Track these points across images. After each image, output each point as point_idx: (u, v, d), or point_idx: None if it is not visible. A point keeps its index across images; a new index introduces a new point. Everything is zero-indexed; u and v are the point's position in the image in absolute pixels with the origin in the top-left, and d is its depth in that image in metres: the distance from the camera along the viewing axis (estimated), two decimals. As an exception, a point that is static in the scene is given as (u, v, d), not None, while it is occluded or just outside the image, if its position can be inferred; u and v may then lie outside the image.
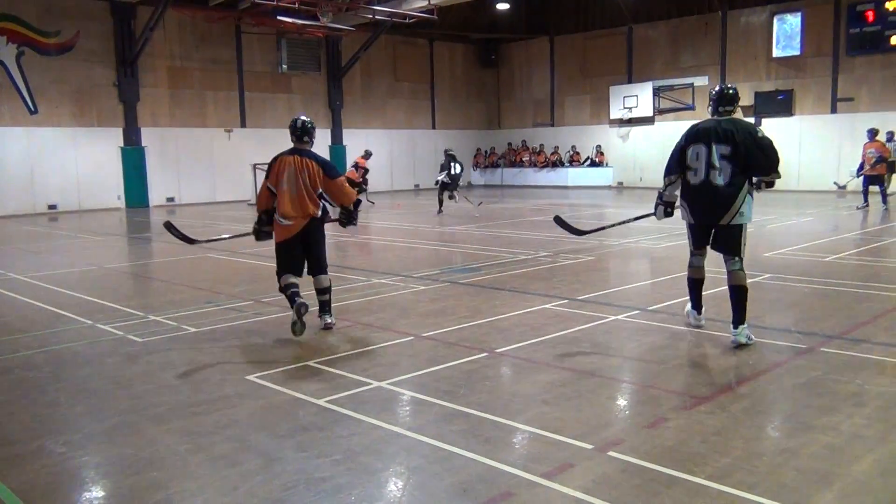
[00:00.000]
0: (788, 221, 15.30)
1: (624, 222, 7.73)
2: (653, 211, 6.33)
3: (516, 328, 6.47)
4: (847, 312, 6.97)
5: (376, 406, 4.57)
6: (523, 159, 31.93)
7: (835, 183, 20.40)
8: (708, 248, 6.05)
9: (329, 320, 6.54)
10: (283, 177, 6.34)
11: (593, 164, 29.93)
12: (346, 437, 4.07)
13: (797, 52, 24.49)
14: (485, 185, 31.78)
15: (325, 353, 5.77)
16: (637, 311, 7.08)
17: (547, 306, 7.34)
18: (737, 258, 5.81)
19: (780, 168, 5.78)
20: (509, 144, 32.81)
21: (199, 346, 6.11)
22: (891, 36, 22.39)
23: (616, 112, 28.59)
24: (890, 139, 19.78)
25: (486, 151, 33.31)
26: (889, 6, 22.30)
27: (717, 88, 6.06)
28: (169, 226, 7.33)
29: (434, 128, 31.33)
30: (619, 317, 6.87)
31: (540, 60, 31.69)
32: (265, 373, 5.30)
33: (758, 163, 5.66)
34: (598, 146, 29.78)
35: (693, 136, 5.91)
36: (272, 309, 7.41)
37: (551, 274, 9.27)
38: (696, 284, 6.28)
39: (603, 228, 8.14)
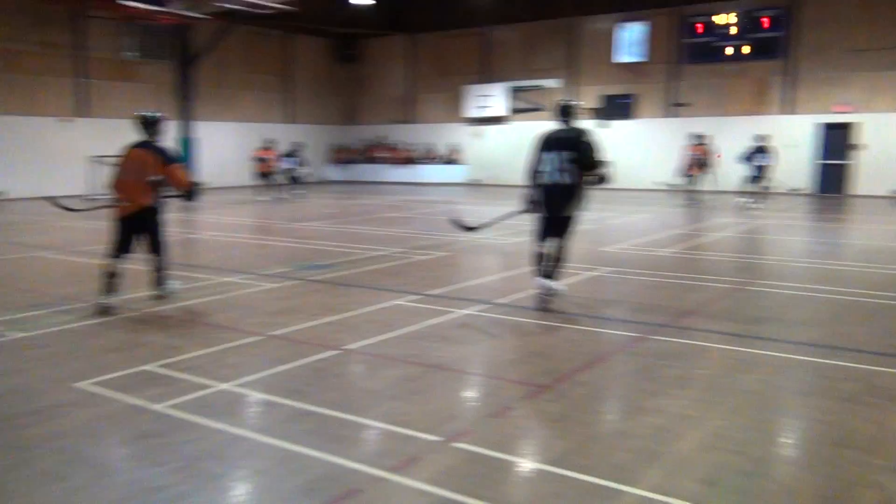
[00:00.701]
0: (626, 218, 16.21)
1: (506, 216, 8.31)
2: (522, 208, 7.31)
3: (367, 324, 6.46)
4: (675, 302, 7.48)
5: (220, 409, 4.42)
6: (379, 156, 31.95)
7: (664, 182, 21.84)
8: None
9: (163, 292, 7.32)
10: (124, 166, 7.03)
11: (449, 161, 30.43)
12: (186, 443, 3.91)
13: (640, 59, 25.99)
14: (341, 181, 31.52)
15: (166, 356, 5.51)
16: (487, 305, 7.26)
17: (399, 302, 7.38)
18: (559, 239, 7.06)
19: (618, 168, 6.61)
20: (366, 141, 32.73)
21: (24, 353, 5.67)
22: (722, 47, 24.24)
23: (471, 111, 29.20)
24: (706, 142, 21.52)
25: (343, 147, 33.07)
26: (717, 20, 24.12)
27: (558, 102, 7.29)
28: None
29: (293, 122, 30.71)
30: (469, 311, 7.02)
31: (398, 57, 31.82)
32: (99, 379, 4.99)
33: (589, 162, 6.87)
34: (453, 144, 30.32)
35: (544, 144, 7.06)
36: (110, 310, 7.01)
37: (404, 270, 9.34)
38: (541, 256, 7.22)
39: (491, 224, 8.65)
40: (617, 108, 26.13)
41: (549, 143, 7.01)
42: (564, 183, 6.86)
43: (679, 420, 4.25)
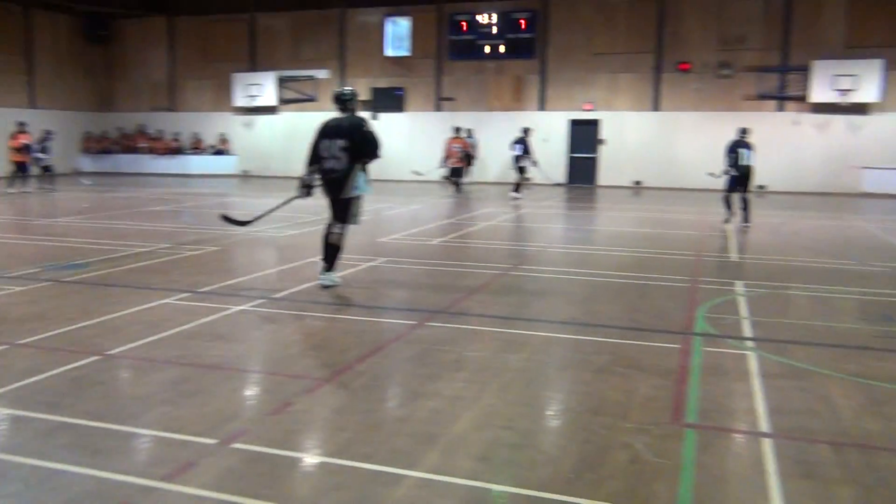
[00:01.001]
0: (400, 209, 16.61)
1: (279, 206, 8.48)
2: (297, 194, 7.72)
3: (132, 326, 6.03)
4: (449, 290, 7.80)
5: (-43, 430, 3.91)
6: (140, 145, 29.85)
7: (416, 172, 22.42)
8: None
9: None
10: None
11: (218, 152, 29.20)
12: (-86, 472, 3.41)
13: (407, 54, 26.62)
14: (96, 172, 29.02)
15: None
16: (262, 300, 7.09)
17: (167, 301, 6.97)
18: (340, 224, 7.50)
19: (394, 160, 7.04)
20: (124, 129, 30.40)
21: None
22: (483, 46, 25.52)
23: (240, 100, 28.21)
24: (470, 136, 22.67)
25: (97, 135, 30.43)
26: (480, 19, 25.37)
27: (336, 91, 7.72)
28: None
29: (35, 107, 27.66)
30: (244, 307, 6.81)
31: (157, 40, 29.83)
32: None
33: (365, 150, 7.39)
34: (222, 134, 29.13)
35: (322, 132, 7.48)
36: None
37: (172, 266, 8.83)
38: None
39: (264, 215, 8.70)
40: (387, 100, 26.58)
41: (327, 131, 7.45)
42: (336, 168, 7.36)
43: (454, 402, 4.44)
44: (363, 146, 7.32)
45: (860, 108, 22.70)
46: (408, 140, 25.98)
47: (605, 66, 24.84)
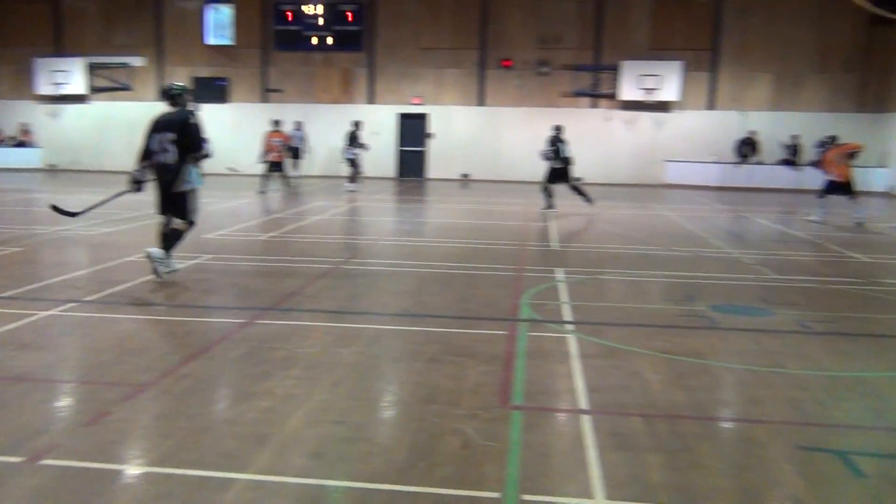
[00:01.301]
0: (225, 204, 16.01)
1: (107, 200, 8.29)
2: (127, 189, 7.67)
3: (-81, 338, 5.40)
4: (278, 285, 7.64)
5: None
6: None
7: (230, 167, 21.83)
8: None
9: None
10: None
11: (19, 143, 26.73)
12: None
13: (230, 42, 25.66)
14: None
15: None
16: (73, 304, 6.59)
17: (-39, 308, 6.31)
18: (178, 220, 7.57)
19: (220, 153, 7.04)
20: None
21: None
22: (310, 37, 25.11)
23: (44, 87, 25.96)
24: (298, 129, 22.26)
25: None
26: (305, 9, 24.94)
27: (164, 86, 8.01)
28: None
29: None
30: (53, 311, 6.30)
31: (-60, 20, 26.80)
32: None
33: (191, 143, 7.44)
34: (24, 124, 26.69)
35: (153, 126, 7.52)
36: None
37: (-33, 270, 7.99)
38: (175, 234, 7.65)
39: (92, 208, 8.34)
40: (210, 91, 25.51)
41: (158, 125, 7.52)
42: (167, 162, 7.43)
43: (286, 400, 4.36)
44: (190, 139, 7.42)
45: (663, 106, 24.66)
46: (232, 133, 25.07)
47: (432, 61, 25.29)
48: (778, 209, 18.16)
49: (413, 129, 25.58)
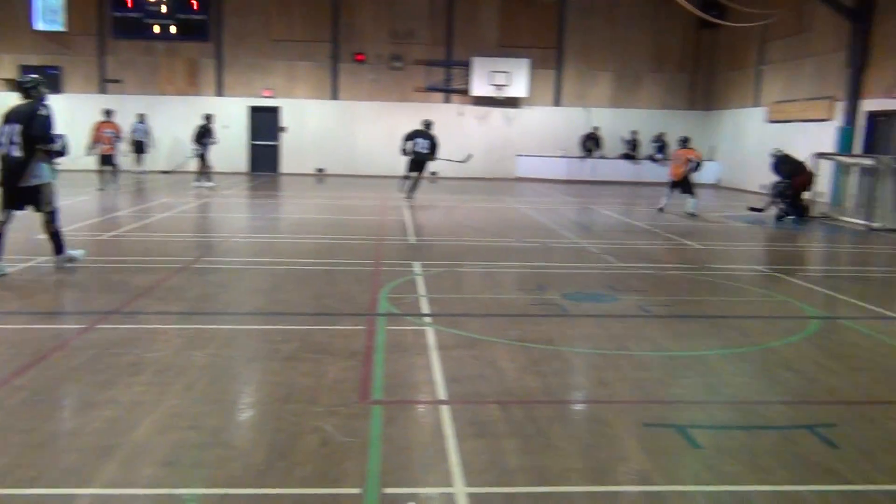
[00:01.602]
0: (64, 201, 14.91)
1: None
2: None
3: None
4: (123, 287, 7.21)
5: None
6: None
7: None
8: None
9: None
10: None
11: None
12: None
13: (62, 28, 23.88)
14: None
15: None
16: None
17: None
18: (43, 212, 7.56)
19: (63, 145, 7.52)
20: None
21: None
22: (151, 24, 23.84)
23: None
24: (142, 121, 20.97)
25: None
26: (146, -4, 23.67)
27: (17, 79, 7.72)
28: None
29: None
30: None
31: None
32: None
33: (37, 135, 7.29)
34: None
35: (5, 118, 7.35)
36: None
37: None
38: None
39: None
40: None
41: (9, 117, 7.37)
42: (15, 155, 7.29)
43: (133, 408, 4.14)
44: (37, 131, 7.27)
45: (513, 102, 25.43)
46: (67, 125, 23.32)
47: (284, 54, 24.73)
48: (620, 201, 19.21)
49: (265, 123, 24.91)
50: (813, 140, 19.29)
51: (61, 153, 7.57)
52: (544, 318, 6.50)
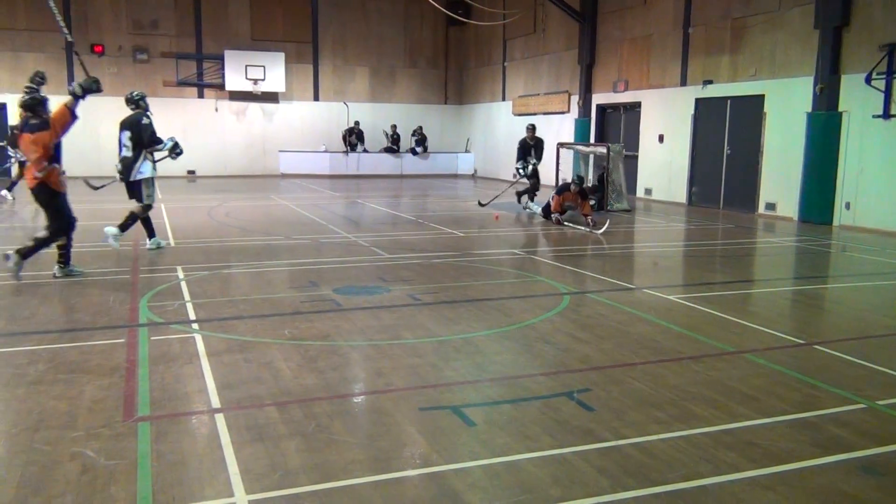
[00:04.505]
0: None
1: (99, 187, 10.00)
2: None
3: None
4: None
5: None
6: None
7: None
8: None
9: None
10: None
11: None
12: None
13: None
14: None
15: None
16: None
17: None
18: (138, 203, 9.35)
19: None
20: None
21: None
22: None
23: None
24: None
25: None
26: None
27: (126, 96, 9.60)
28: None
29: None
30: None
31: None
32: None
33: (144, 140, 9.12)
34: None
35: (119, 127, 9.32)
36: None
37: None
38: (134, 217, 9.37)
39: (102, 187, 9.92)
40: None
41: (121, 125, 9.34)
42: (126, 155, 9.18)
43: None
44: (142, 136, 9.11)
45: (271, 97, 24.90)
46: None
47: (7, 44, 22.12)
48: (385, 194, 19.59)
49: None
50: (555, 130, 21.04)
51: (179, 152, 9.40)
52: (317, 315, 6.47)
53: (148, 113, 9.35)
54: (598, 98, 20.26)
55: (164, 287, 7.42)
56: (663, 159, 17.92)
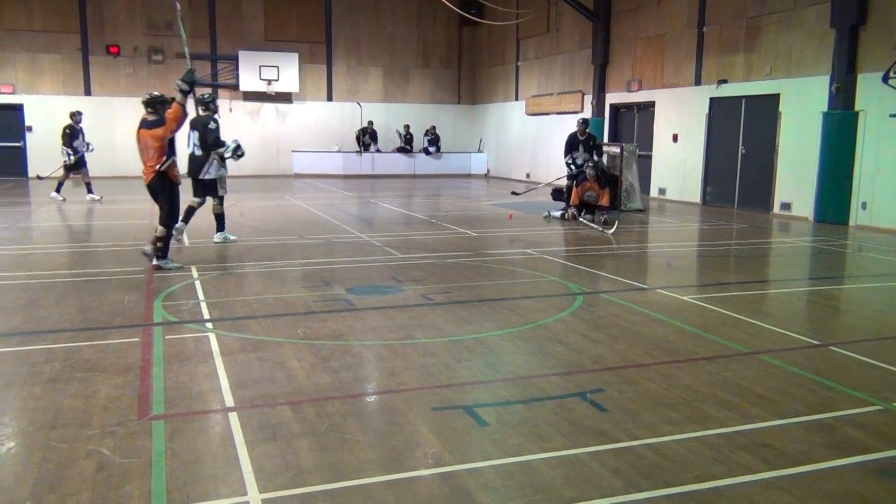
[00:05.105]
0: None
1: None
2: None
3: None
4: None
5: None
6: None
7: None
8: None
9: (157, 262, 8.29)
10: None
11: None
12: None
13: None
14: None
15: None
16: None
17: None
18: (216, 199, 10.06)
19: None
20: None
21: None
22: None
23: None
24: None
25: None
26: None
27: (196, 97, 9.88)
28: None
29: None
30: None
31: None
32: None
33: (209, 142, 9.72)
34: None
35: (191, 125, 9.66)
36: None
37: None
38: (191, 211, 9.87)
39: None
40: None
41: (192, 125, 9.80)
42: (196, 154, 9.80)
43: None
44: (206, 139, 9.68)
45: (285, 97, 24.99)
46: None
47: (24, 45, 22.32)
48: (398, 194, 19.61)
49: (5, 122, 22.35)
50: (569, 130, 20.96)
51: (240, 154, 9.82)
52: (330, 314, 6.49)
53: (216, 116, 9.97)
54: (612, 98, 20.20)
55: (179, 286, 7.47)
56: (677, 159, 17.84)
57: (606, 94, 20.33)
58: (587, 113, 20.78)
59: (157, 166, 8.10)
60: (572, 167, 14.32)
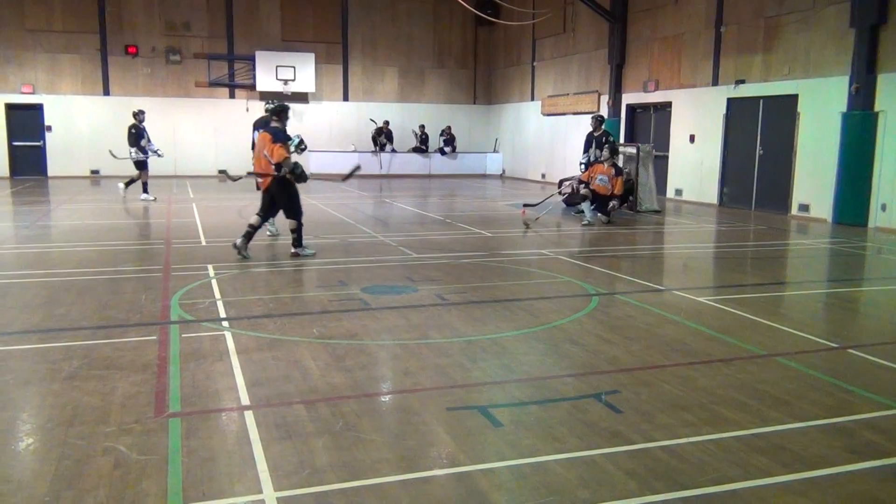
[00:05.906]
0: None
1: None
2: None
3: None
4: None
5: None
6: None
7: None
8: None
9: (294, 250, 9.25)
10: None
11: None
12: None
13: None
14: None
15: None
16: None
17: None
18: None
19: None
20: None
21: None
22: None
23: None
24: None
25: None
26: None
27: (266, 106, 10.39)
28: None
29: None
30: None
31: None
32: None
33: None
34: None
35: (254, 126, 10.23)
36: None
37: None
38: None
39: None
40: None
41: (254, 125, 10.27)
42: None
43: None
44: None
45: (301, 97, 25.07)
46: None
47: (44, 45, 22.55)
48: (413, 194, 19.63)
49: (26, 122, 22.59)
50: (585, 130, 20.90)
51: (303, 148, 9.42)
52: (346, 314, 6.50)
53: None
54: (628, 98, 20.11)
55: (195, 285, 7.51)
56: (694, 160, 17.73)
57: (623, 94, 20.25)
58: (604, 113, 20.71)
59: (278, 173, 8.88)
60: (584, 166, 14.34)
